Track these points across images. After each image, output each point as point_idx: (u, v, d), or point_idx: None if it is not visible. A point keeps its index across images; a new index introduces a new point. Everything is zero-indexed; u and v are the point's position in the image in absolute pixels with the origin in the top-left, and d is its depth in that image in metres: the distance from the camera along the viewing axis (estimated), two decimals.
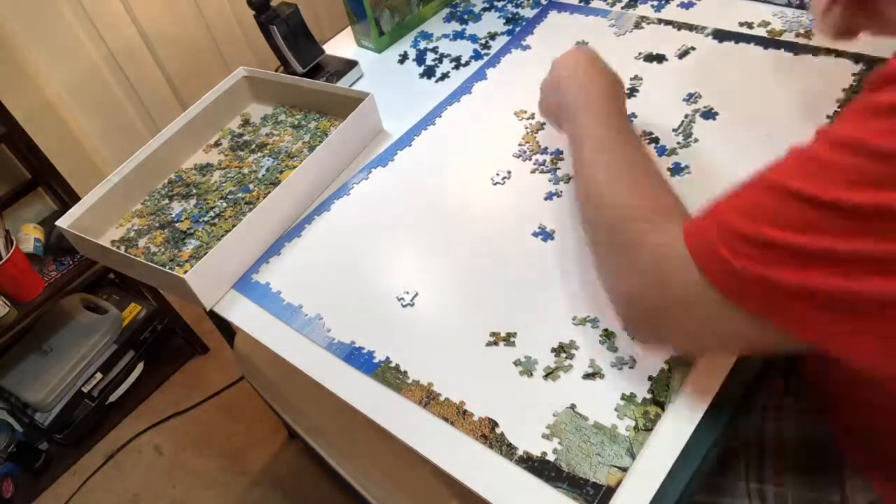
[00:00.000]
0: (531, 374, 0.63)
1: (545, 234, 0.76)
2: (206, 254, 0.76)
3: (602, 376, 0.61)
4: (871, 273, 0.38)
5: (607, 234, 0.59)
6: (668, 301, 0.51)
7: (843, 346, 0.42)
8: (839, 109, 0.78)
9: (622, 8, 1.05)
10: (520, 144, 0.87)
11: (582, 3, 1.09)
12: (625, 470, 0.55)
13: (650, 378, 0.60)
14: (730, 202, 0.47)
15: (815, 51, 0.87)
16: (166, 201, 0.94)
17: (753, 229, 0.43)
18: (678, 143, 0.81)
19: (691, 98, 0.86)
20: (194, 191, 0.94)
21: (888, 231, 0.37)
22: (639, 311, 0.55)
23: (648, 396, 0.59)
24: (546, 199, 0.80)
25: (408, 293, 0.73)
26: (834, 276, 0.39)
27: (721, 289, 0.46)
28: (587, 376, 0.62)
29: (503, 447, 0.58)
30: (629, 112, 0.87)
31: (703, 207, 0.50)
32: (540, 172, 0.83)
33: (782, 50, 0.89)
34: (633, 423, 0.57)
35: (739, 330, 0.47)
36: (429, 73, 1.05)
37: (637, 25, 1.01)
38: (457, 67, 1.04)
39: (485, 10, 1.16)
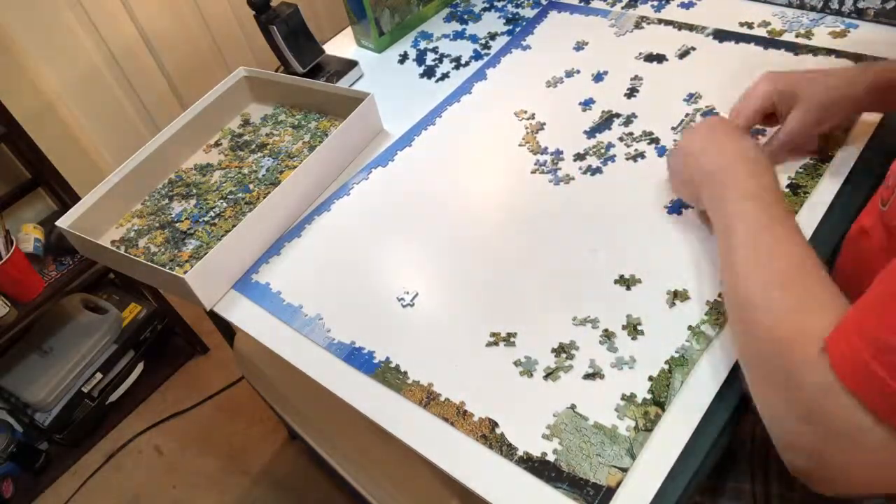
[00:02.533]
0: (531, 375, 0.63)
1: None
2: (206, 254, 0.76)
3: (602, 376, 0.61)
4: None
5: (759, 356, 0.52)
6: (827, 438, 0.45)
7: None
8: None
9: (622, 8, 1.05)
10: (520, 144, 0.87)
11: (582, 3, 1.09)
12: (625, 470, 0.55)
13: (650, 378, 0.60)
14: (871, 312, 0.43)
15: (815, 51, 0.87)
16: (166, 201, 0.94)
17: None
18: (678, 142, 0.80)
19: (691, 98, 0.86)
20: (194, 191, 0.94)
21: None
22: (803, 453, 0.49)
23: (648, 396, 0.59)
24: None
25: (408, 293, 0.73)
26: None
27: (885, 417, 0.41)
28: (587, 376, 0.62)
29: (503, 447, 0.58)
30: (630, 112, 0.87)
31: (843, 321, 0.45)
32: (540, 173, 0.83)
33: (782, 50, 0.89)
34: (633, 424, 0.57)
35: None
36: (429, 73, 1.05)
37: (637, 25, 1.00)
38: (457, 67, 1.04)
39: (485, 10, 1.16)
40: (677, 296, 0.66)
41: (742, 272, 0.55)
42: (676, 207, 0.73)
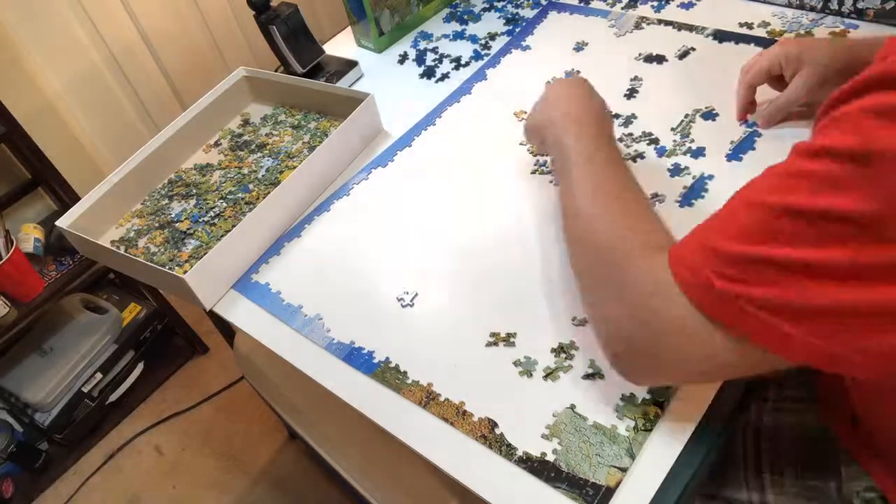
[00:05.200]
0: (531, 375, 0.63)
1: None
2: (206, 254, 0.76)
3: (602, 376, 0.61)
4: (848, 280, 0.38)
5: (593, 264, 0.57)
6: (658, 333, 0.48)
7: (831, 363, 0.42)
8: None
9: (622, 8, 1.05)
10: (520, 144, 0.87)
11: (582, 4, 1.09)
12: (624, 470, 0.55)
13: None
14: (711, 224, 0.47)
15: None
16: (166, 201, 0.94)
17: (735, 248, 0.43)
18: (677, 142, 0.81)
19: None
20: (194, 191, 0.94)
21: (841, 236, 0.37)
22: (627, 345, 0.52)
23: (648, 396, 0.59)
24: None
25: (408, 293, 0.73)
26: (813, 286, 0.39)
27: (709, 313, 0.45)
28: (587, 376, 0.62)
29: (503, 447, 0.58)
30: (630, 113, 0.87)
31: (688, 233, 0.49)
32: (540, 173, 0.83)
33: None
34: (632, 424, 0.57)
35: (731, 356, 0.46)
36: (429, 73, 1.05)
37: (637, 26, 1.01)
38: (457, 68, 1.04)
39: (485, 10, 1.16)
40: None
41: (577, 190, 0.61)
42: (687, 202, 0.74)
